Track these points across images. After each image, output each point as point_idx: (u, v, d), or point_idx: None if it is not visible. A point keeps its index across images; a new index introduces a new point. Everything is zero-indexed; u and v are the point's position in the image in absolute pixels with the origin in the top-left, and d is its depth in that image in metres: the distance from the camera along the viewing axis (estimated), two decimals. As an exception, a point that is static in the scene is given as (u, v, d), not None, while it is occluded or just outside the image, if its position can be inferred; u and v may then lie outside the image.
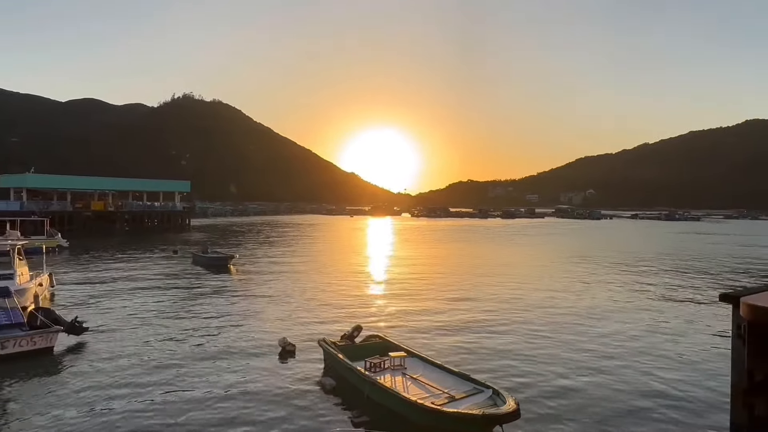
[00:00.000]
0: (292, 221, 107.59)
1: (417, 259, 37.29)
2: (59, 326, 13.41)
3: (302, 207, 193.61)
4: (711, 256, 41.23)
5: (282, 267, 31.36)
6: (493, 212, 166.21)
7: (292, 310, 18.52)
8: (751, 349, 7.77)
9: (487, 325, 16.46)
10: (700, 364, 12.64)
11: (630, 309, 19.37)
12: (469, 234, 71.63)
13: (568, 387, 10.86)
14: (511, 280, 26.62)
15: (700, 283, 26.58)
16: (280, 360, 12.56)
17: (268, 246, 47.87)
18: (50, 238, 40.19)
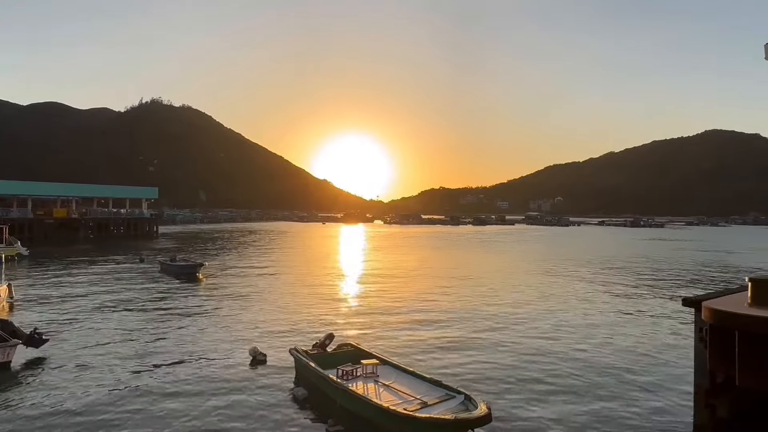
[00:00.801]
0: (263, 228, 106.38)
1: (389, 267, 37.30)
2: (17, 339, 12.86)
3: (273, 214, 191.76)
4: (674, 262, 42.52)
5: (252, 275, 30.93)
6: (465, 219, 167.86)
7: (262, 318, 18.25)
8: (713, 351, 8.01)
9: (460, 331, 16.55)
10: (665, 367, 12.97)
11: (598, 314, 19.77)
12: (441, 241, 72.12)
13: (539, 392, 10.99)
14: (483, 286, 26.87)
15: (665, 288, 27.35)
16: (250, 369, 12.34)
17: (238, 254, 47.19)
18: (9, 247, 38.75)
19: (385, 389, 9.68)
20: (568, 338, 15.72)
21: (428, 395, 9.22)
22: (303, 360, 11.19)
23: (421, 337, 15.74)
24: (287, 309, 20.04)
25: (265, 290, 24.84)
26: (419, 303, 21.65)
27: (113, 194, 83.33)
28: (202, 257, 38.62)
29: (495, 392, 10.85)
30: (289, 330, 16.45)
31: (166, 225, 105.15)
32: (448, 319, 18.32)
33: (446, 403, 8.88)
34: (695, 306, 9.01)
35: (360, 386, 9.75)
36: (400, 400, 9.12)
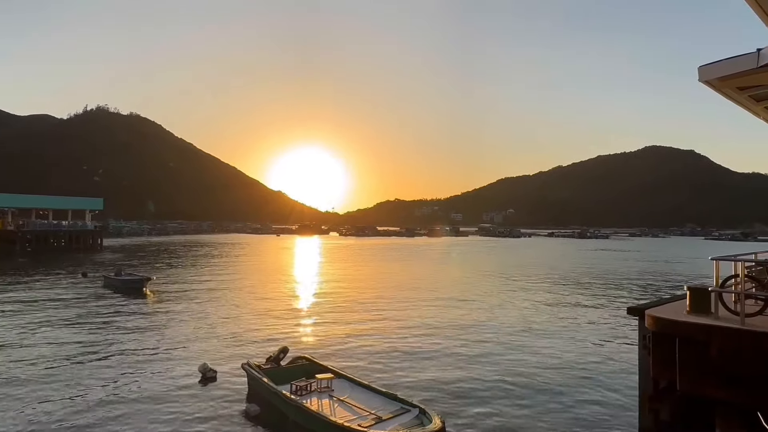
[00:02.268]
0: (215, 241, 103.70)
1: (345, 279, 37.09)
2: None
3: (226, 226, 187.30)
4: (619, 272, 44.33)
5: (203, 289, 30.00)
6: (420, 231, 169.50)
7: (213, 334, 17.69)
8: (656, 358, 8.35)
9: (415, 343, 16.59)
10: (611, 374, 13.42)
11: (547, 324, 20.30)
12: (396, 252, 72.43)
13: (489, 403, 11.13)
14: (437, 298, 27.09)
15: (611, 297, 28.43)
16: (200, 387, 11.90)
17: (189, 267, 45.72)
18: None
19: (340, 404, 9.56)
20: (517, 348, 16.04)
21: (383, 409, 9.17)
22: (255, 375, 10.90)
23: (377, 349, 15.67)
24: (240, 323, 19.53)
25: (216, 304, 24.13)
26: (374, 315, 21.59)
27: (54, 205, 79.17)
28: (149, 271, 37.18)
29: (449, 404, 10.90)
30: (241, 345, 16.01)
31: (112, 237, 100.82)
32: (403, 331, 18.33)
33: (401, 417, 8.85)
34: (639, 314, 9.39)
35: (314, 401, 9.59)
36: (355, 415, 9.02)
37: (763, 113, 8.81)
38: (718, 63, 6.92)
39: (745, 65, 6.53)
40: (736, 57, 6.62)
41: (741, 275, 8.32)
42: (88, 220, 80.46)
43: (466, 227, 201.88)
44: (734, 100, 7.92)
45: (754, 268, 9.44)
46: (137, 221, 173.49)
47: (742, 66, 6.58)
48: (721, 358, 7.30)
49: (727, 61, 6.79)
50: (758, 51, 6.17)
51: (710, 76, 6.99)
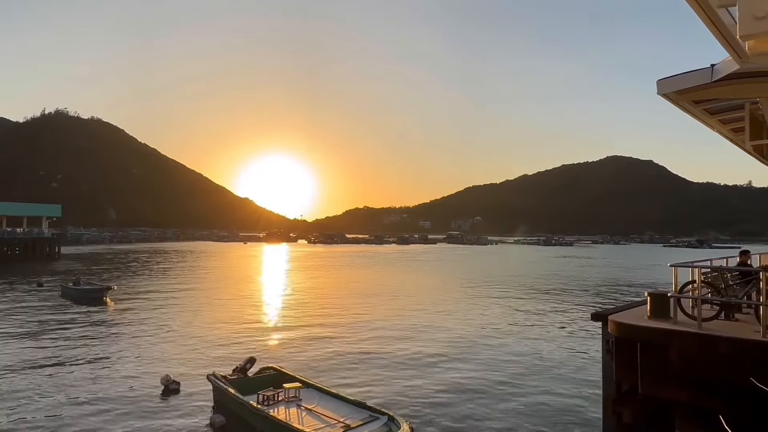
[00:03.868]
0: (180, 248, 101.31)
1: (313, 287, 36.78)
2: None
3: (191, 233, 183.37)
4: (583, 278, 45.41)
5: (167, 298, 29.22)
6: (389, 238, 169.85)
7: (177, 344, 17.24)
8: (618, 362, 8.56)
9: (384, 351, 16.56)
10: (575, 378, 13.70)
11: (512, 329, 20.60)
12: (365, 260, 72.30)
13: (456, 407, 11.19)
14: (406, 305, 27.16)
15: (575, 303, 29.07)
16: (163, 399, 11.56)
17: (152, 276, 44.50)
18: None
19: (308, 413, 9.44)
20: (483, 354, 16.21)
21: (351, 417, 9.11)
22: (221, 386, 10.66)
23: (346, 357, 15.56)
24: (205, 334, 19.09)
25: (180, 314, 23.54)
26: (343, 323, 21.46)
27: (8, 211, 75.78)
28: (109, 280, 36.05)
29: (417, 411, 10.91)
30: (206, 355, 15.65)
31: (71, 245, 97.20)
32: (372, 339, 18.29)
33: (370, 425, 8.81)
34: (602, 320, 9.63)
35: (281, 411, 9.44)
36: (323, 424, 8.93)
37: (716, 126, 9.21)
38: (675, 77, 7.20)
39: (700, 80, 6.82)
40: (691, 72, 6.91)
41: (698, 281, 8.64)
42: (45, 227, 77.33)
43: (434, 235, 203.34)
44: (690, 113, 8.24)
45: (710, 274, 9.82)
46: (97, 229, 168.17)
47: (697, 80, 6.87)
48: (680, 361, 7.55)
49: (683, 75, 7.08)
50: (712, 66, 6.45)
51: (668, 89, 7.27)
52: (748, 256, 10.45)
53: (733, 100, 8.04)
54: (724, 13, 4.29)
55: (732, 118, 8.90)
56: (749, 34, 2.33)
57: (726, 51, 4.87)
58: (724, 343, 7.31)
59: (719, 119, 8.98)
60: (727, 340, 7.35)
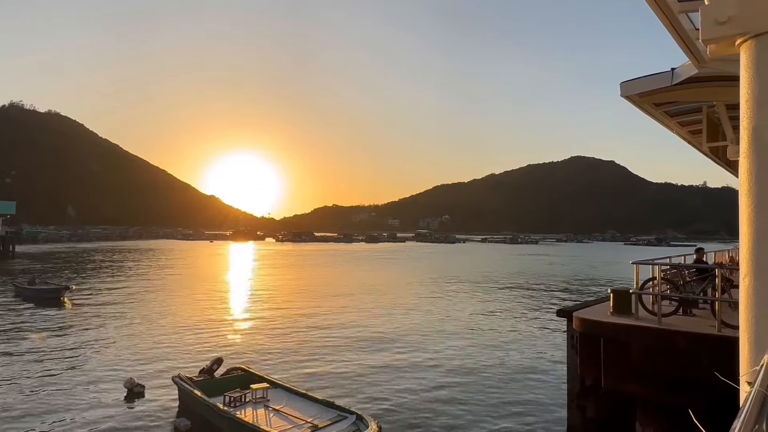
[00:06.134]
0: (143, 247, 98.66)
1: (282, 286, 36.41)
2: None
3: (155, 231, 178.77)
4: (548, 276, 46.40)
5: (129, 299, 28.40)
6: (358, 237, 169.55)
7: (141, 346, 16.78)
8: (583, 357, 8.78)
9: (353, 350, 16.53)
10: (541, 373, 13.99)
11: (479, 326, 20.88)
12: (334, 258, 72.00)
13: (424, 404, 11.27)
14: (375, 304, 27.17)
15: (541, 300, 29.68)
16: (126, 403, 11.22)
17: (113, 275, 43.17)
18: None
19: (276, 414, 9.34)
20: (450, 351, 16.37)
21: (319, 417, 9.06)
22: (186, 388, 10.43)
23: (315, 357, 15.46)
24: (170, 335, 18.63)
25: (143, 315, 22.91)
26: (312, 322, 21.31)
27: (-42, 209, 72.35)
28: (68, 280, 34.81)
29: (386, 409, 10.92)
30: (171, 357, 15.28)
31: (26, 244, 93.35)
32: (342, 338, 18.23)
33: (338, 425, 8.79)
34: (567, 316, 9.86)
35: (249, 413, 9.32)
36: (291, 424, 8.86)
37: (675, 128, 9.52)
38: (637, 80, 7.41)
39: (660, 83, 7.03)
40: (653, 75, 7.12)
41: (658, 278, 8.92)
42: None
43: (403, 233, 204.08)
44: (651, 115, 8.50)
45: (669, 271, 10.16)
46: (55, 227, 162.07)
47: (658, 84, 7.09)
48: (641, 356, 7.79)
49: (645, 78, 7.28)
50: (672, 70, 6.66)
51: (630, 92, 7.48)
52: (704, 253, 10.88)
53: (692, 104, 8.33)
54: (684, 19, 4.43)
55: (690, 120, 9.22)
56: (711, 38, 2.40)
57: (686, 55, 5.04)
58: (682, 337, 7.59)
59: (678, 121, 9.29)
60: (684, 334, 7.63)
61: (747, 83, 2.29)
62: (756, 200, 2.24)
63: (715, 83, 6.58)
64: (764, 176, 2.22)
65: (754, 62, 2.27)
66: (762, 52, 2.25)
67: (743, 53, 2.33)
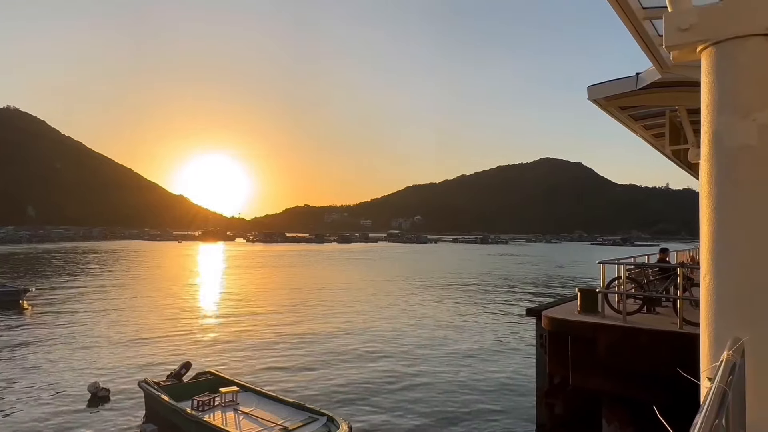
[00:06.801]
0: (108, 248, 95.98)
1: (252, 288, 35.95)
2: None
3: (121, 232, 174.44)
4: (518, 275, 47.12)
5: (93, 302, 27.57)
6: (330, 237, 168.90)
7: (106, 350, 16.31)
8: (551, 355, 8.94)
9: (324, 351, 16.43)
10: (511, 372, 14.18)
11: (451, 326, 21.05)
12: (306, 259, 71.49)
13: (396, 404, 11.30)
14: (346, 304, 27.09)
15: (511, 299, 30.11)
16: (90, 409, 10.88)
17: (76, 277, 41.85)
18: None
19: (245, 417, 9.21)
20: (421, 351, 16.45)
21: (290, 420, 8.98)
22: (153, 393, 10.18)
23: (285, 359, 15.31)
24: (136, 338, 18.16)
25: (108, 318, 22.27)
26: (284, 325, 21.11)
27: None
28: (27, 282, 33.58)
29: (356, 410, 10.90)
30: (138, 361, 14.89)
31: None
32: (312, 340, 18.10)
33: (309, 427, 8.73)
34: (536, 315, 10.02)
35: (218, 417, 9.16)
36: (261, 427, 8.75)
37: (640, 131, 9.79)
38: (603, 84, 7.58)
39: (625, 87, 7.21)
40: (618, 80, 7.30)
41: (623, 277, 9.16)
42: (-47, 225, 70.91)
43: (375, 233, 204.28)
44: (617, 119, 8.72)
45: (633, 270, 10.44)
46: (15, 227, 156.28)
47: (624, 88, 7.27)
48: (607, 353, 7.98)
49: (611, 82, 7.46)
50: (637, 75, 6.84)
51: (597, 95, 7.65)
52: (667, 253, 11.22)
53: (655, 108, 8.58)
54: (648, 25, 4.56)
55: (654, 124, 9.50)
56: (674, 44, 2.47)
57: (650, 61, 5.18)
58: (646, 334, 7.80)
59: (643, 125, 9.56)
60: (648, 332, 7.85)
61: (707, 89, 2.37)
62: (715, 202, 2.31)
63: (677, 88, 6.79)
64: (723, 179, 2.29)
65: (714, 69, 2.35)
66: (721, 59, 2.33)
67: (704, 60, 2.41)
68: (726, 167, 2.29)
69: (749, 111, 2.22)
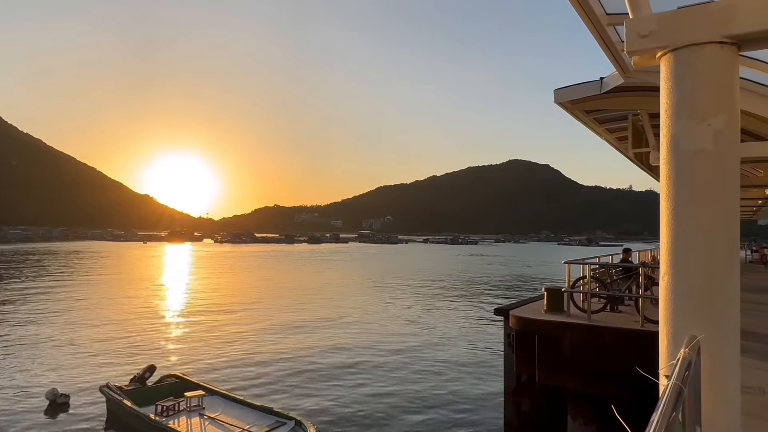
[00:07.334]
0: (69, 249, 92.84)
1: (219, 289, 35.33)
2: None
3: (83, 232, 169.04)
4: (487, 275, 47.72)
5: (51, 305, 26.60)
6: (300, 237, 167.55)
7: (65, 355, 15.75)
8: (519, 354, 9.07)
9: (293, 353, 16.28)
10: (480, 371, 14.35)
11: (420, 326, 21.16)
12: (276, 260, 70.72)
13: (364, 405, 11.28)
14: (315, 306, 26.91)
15: (480, 299, 30.46)
16: (48, 417, 10.48)
17: (33, 280, 40.30)
18: None
19: (211, 422, 9.03)
20: (390, 352, 16.49)
21: (257, 424, 8.86)
22: (115, 398, 9.89)
23: (253, 361, 15.10)
24: (97, 342, 17.60)
25: (68, 321, 21.53)
26: (251, 327, 20.82)
27: None
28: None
29: (325, 414, 10.84)
30: (99, 365, 14.44)
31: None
32: (279, 342, 17.92)
33: (276, 431, 8.63)
34: (504, 314, 10.15)
35: (182, 422, 8.96)
36: (227, 432, 8.60)
37: (604, 134, 10.04)
38: (569, 88, 7.73)
39: (590, 91, 7.37)
40: (584, 83, 7.45)
41: (587, 277, 9.36)
42: None
43: (346, 234, 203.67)
44: (582, 122, 8.91)
45: (598, 270, 10.69)
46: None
47: (588, 92, 7.43)
48: (572, 351, 8.15)
49: (576, 86, 7.62)
50: (601, 79, 7.00)
51: (563, 98, 7.79)
52: (630, 253, 11.53)
53: (618, 112, 8.81)
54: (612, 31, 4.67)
55: (617, 127, 9.75)
56: (634, 50, 2.53)
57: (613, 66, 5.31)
58: (609, 333, 8.00)
59: (607, 128, 9.80)
60: (611, 330, 8.05)
61: (666, 94, 2.43)
62: (674, 203, 2.38)
63: (639, 93, 6.98)
64: (681, 181, 2.36)
65: (672, 74, 2.41)
66: (679, 65, 2.40)
67: (663, 65, 2.48)
68: (683, 170, 2.35)
69: (705, 116, 2.29)
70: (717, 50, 2.32)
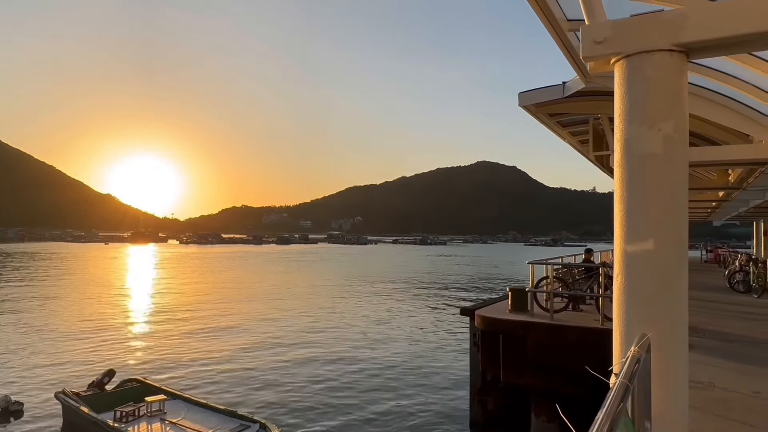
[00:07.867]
0: (25, 250, 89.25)
1: (183, 291, 34.58)
2: None
3: (40, 233, 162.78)
4: (455, 276, 48.19)
5: (4, 307, 25.52)
6: (268, 238, 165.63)
7: (18, 359, 15.12)
8: (484, 354, 9.19)
9: (258, 355, 16.07)
10: (446, 370, 14.46)
11: (387, 327, 21.21)
12: (243, 261, 69.69)
13: (330, 407, 11.23)
14: (281, 308, 26.64)
15: (447, 299, 30.72)
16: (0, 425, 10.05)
17: (-12, 281, 38.55)
18: None
19: (172, 427, 8.82)
20: (357, 353, 16.46)
21: (221, 428, 8.70)
22: (72, 404, 9.54)
23: (216, 365, 14.83)
24: (53, 346, 16.96)
25: (21, 325, 20.67)
26: (214, 330, 20.45)
27: None
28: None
29: (290, 416, 10.74)
30: (55, 371, 13.92)
31: None
32: (244, 345, 17.65)
33: None
34: (470, 314, 10.27)
35: (143, 428, 8.72)
36: (190, 437, 8.41)
37: (567, 137, 10.27)
38: (533, 91, 7.88)
39: (553, 95, 7.53)
40: (547, 87, 7.60)
41: (550, 277, 9.56)
42: None
43: (315, 234, 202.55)
44: (546, 125, 9.09)
45: (561, 270, 10.92)
46: None
47: (551, 96, 7.58)
48: (535, 350, 8.30)
49: (539, 90, 7.76)
50: (564, 84, 7.16)
51: (527, 102, 7.94)
52: (591, 253, 11.83)
53: (580, 115, 9.02)
54: (572, 36, 4.77)
55: (579, 131, 9.98)
56: (590, 56, 2.59)
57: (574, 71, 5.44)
58: (571, 331, 8.19)
59: (569, 131, 10.03)
60: (573, 329, 8.24)
61: (619, 99, 2.50)
62: (626, 206, 2.45)
63: (598, 97, 7.17)
64: (634, 184, 2.43)
65: (625, 80, 2.48)
66: (632, 71, 2.46)
67: (617, 71, 2.54)
68: (635, 174, 2.42)
69: (655, 121, 2.37)
70: (667, 57, 2.40)
